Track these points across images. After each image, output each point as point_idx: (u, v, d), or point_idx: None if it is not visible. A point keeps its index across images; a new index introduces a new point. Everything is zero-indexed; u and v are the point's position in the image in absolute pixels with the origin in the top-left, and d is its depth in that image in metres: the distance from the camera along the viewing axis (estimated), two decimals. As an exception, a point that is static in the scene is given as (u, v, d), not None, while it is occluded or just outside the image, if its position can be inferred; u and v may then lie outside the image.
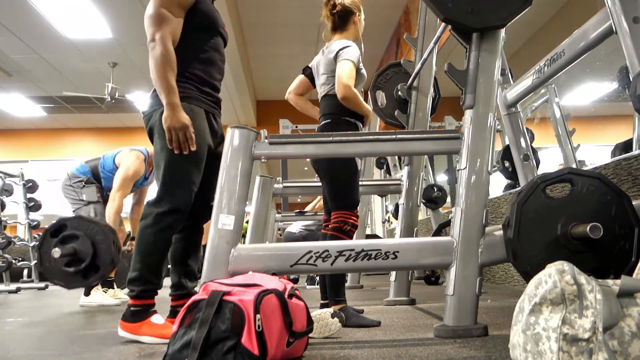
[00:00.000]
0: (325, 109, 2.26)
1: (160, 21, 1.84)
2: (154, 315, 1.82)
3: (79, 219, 2.96)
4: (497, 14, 1.69)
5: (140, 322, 1.79)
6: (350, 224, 2.11)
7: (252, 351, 1.13)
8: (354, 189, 2.18)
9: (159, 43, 1.82)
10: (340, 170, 2.16)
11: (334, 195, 2.20)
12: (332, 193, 2.21)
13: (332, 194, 2.21)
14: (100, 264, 2.85)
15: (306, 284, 5.24)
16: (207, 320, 1.16)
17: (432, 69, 3.00)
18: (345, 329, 1.89)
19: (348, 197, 2.15)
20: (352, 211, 2.14)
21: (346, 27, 2.29)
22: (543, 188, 1.56)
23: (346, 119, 2.20)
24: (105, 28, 6.42)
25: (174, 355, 1.17)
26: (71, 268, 2.80)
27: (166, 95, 1.78)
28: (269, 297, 1.23)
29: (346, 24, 2.29)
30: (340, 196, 2.16)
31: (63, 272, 2.81)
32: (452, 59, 1.84)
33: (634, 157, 2.32)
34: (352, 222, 2.12)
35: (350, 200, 2.15)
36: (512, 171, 3.54)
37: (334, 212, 2.16)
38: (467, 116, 1.75)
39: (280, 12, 6.86)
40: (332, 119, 2.22)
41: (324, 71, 2.26)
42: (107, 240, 2.86)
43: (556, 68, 2.34)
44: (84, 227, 2.87)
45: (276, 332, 1.22)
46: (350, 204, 2.15)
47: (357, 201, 2.19)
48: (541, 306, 1.00)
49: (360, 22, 2.33)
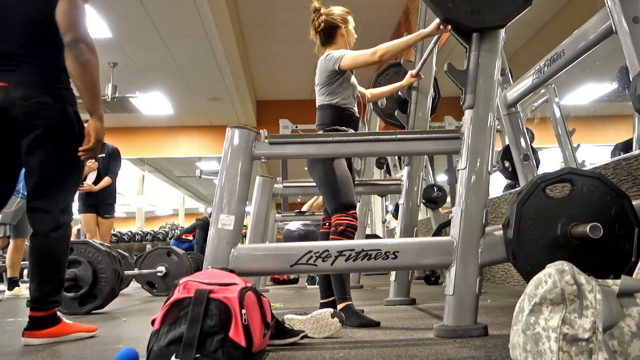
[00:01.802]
0: (318, 120, 2.28)
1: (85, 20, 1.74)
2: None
3: (85, 244, 2.97)
4: (497, 13, 1.69)
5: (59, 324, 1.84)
6: (344, 224, 2.11)
7: (240, 343, 1.21)
8: (341, 191, 2.16)
9: (94, 48, 1.75)
10: (326, 174, 2.16)
11: (326, 199, 2.23)
12: (325, 197, 2.24)
13: (325, 197, 2.24)
14: (99, 293, 2.87)
15: (306, 284, 5.25)
16: (199, 318, 1.20)
17: (432, 69, 2.99)
18: (345, 329, 1.89)
19: (337, 199, 2.15)
20: (345, 212, 2.14)
21: (334, 40, 2.30)
22: (543, 188, 1.56)
23: (336, 128, 2.21)
24: (105, 28, 6.42)
25: (161, 351, 1.19)
26: (70, 293, 2.83)
27: (99, 106, 1.78)
28: (249, 294, 1.33)
29: (333, 37, 2.30)
30: (331, 199, 2.17)
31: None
32: (452, 59, 1.84)
33: (634, 157, 2.32)
34: (347, 222, 2.11)
35: (340, 202, 2.15)
36: (512, 171, 3.54)
37: (332, 215, 2.17)
38: (467, 116, 1.75)
39: (280, 12, 6.86)
40: (323, 129, 2.23)
41: (318, 82, 2.29)
42: (109, 269, 2.88)
43: (556, 68, 2.34)
44: (88, 254, 2.90)
45: (257, 325, 1.32)
46: (340, 205, 2.15)
47: (348, 202, 2.17)
48: (541, 306, 1.00)
49: (348, 33, 2.32)
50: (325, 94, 2.25)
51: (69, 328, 1.87)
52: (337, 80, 2.22)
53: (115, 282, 2.95)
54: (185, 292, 1.28)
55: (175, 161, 12.92)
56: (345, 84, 2.24)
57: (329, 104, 2.24)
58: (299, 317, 1.77)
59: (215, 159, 11.42)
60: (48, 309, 1.80)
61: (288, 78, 9.19)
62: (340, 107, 2.23)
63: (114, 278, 2.91)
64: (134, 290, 5.08)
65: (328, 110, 2.24)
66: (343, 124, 2.23)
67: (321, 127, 2.26)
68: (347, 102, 2.26)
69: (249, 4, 6.71)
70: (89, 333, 1.94)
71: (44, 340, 1.78)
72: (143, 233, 11.16)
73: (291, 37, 7.56)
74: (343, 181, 2.18)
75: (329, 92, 2.23)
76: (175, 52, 7.32)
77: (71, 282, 2.83)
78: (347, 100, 2.25)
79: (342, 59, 2.16)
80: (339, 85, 2.22)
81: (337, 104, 2.23)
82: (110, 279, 2.89)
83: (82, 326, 1.94)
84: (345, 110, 2.24)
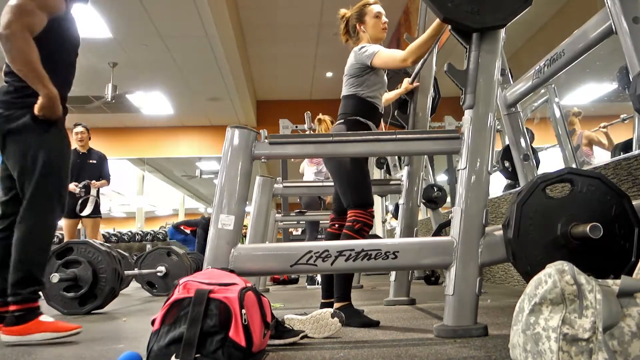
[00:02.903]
0: (340, 109, 2.25)
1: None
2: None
3: (85, 244, 2.98)
4: (497, 13, 1.69)
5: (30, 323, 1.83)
6: (362, 222, 2.08)
7: (239, 343, 1.21)
8: (361, 186, 2.14)
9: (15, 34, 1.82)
10: (347, 165, 2.13)
11: (342, 193, 2.18)
12: (341, 190, 2.19)
13: (341, 191, 2.19)
14: (99, 293, 2.87)
15: (306, 284, 5.25)
16: (199, 318, 1.20)
17: (432, 69, 2.99)
18: (345, 329, 1.89)
19: (355, 194, 2.12)
20: (364, 209, 2.11)
21: (358, 36, 2.31)
22: (543, 188, 1.56)
23: (357, 119, 2.18)
24: (105, 28, 6.42)
25: (161, 351, 1.19)
26: (70, 293, 2.83)
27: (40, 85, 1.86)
28: (249, 294, 1.33)
29: (356, 33, 2.32)
30: (349, 193, 2.13)
31: (61, 296, 2.85)
32: (452, 59, 1.84)
33: (634, 157, 2.32)
34: (365, 221, 2.09)
35: (359, 197, 2.12)
36: (512, 171, 3.54)
37: (348, 211, 2.14)
38: (467, 116, 1.75)
39: (280, 12, 6.86)
40: (344, 118, 2.21)
41: (345, 73, 2.27)
42: (109, 269, 2.88)
43: (556, 68, 2.34)
44: (88, 254, 2.90)
45: (257, 325, 1.33)
46: (360, 200, 2.11)
47: (368, 198, 2.15)
48: (541, 306, 1.00)
49: (368, 26, 2.29)
50: (352, 84, 2.22)
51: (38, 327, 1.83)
52: (366, 74, 2.19)
53: (115, 282, 2.95)
54: (185, 292, 1.28)
55: (175, 161, 12.92)
56: (374, 79, 2.21)
57: (354, 94, 2.21)
58: (299, 317, 1.77)
59: (215, 159, 11.42)
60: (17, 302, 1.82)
61: (288, 78, 9.19)
62: (365, 98, 2.20)
63: (114, 278, 2.91)
64: (134, 290, 5.08)
65: (351, 100, 2.21)
66: (365, 116, 2.19)
67: (343, 117, 2.22)
68: (372, 95, 2.22)
69: (249, 4, 6.71)
70: (59, 333, 1.85)
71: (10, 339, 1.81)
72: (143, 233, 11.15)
73: (291, 37, 7.58)
74: (363, 175, 2.16)
75: (357, 83, 2.20)
76: (175, 52, 7.32)
77: (71, 282, 2.84)
78: (372, 93, 2.22)
79: (375, 56, 2.12)
80: (368, 79, 2.20)
81: (362, 95, 2.20)
82: (110, 279, 2.89)
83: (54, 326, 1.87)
84: (369, 103, 2.21)
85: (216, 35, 6.55)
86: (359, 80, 2.20)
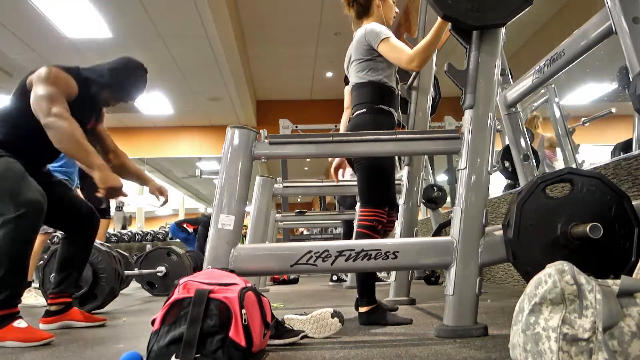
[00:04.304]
0: (358, 98, 2.11)
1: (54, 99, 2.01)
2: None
3: None
4: (497, 12, 1.69)
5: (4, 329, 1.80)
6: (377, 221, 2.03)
7: (240, 343, 1.21)
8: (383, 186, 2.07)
9: (60, 119, 1.99)
10: (375, 165, 2.06)
11: (361, 189, 2.10)
12: (363, 185, 2.09)
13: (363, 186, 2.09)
14: (99, 293, 2.87)
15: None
16: (199, 318, 1.20)
17: (432, 69, 3.00)
18: (345, 329, 1.89)
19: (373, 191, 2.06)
20: (381, 209, 2.04)
21: (369, 12, 2.14)
22: (543, 188, 1.56)
23: (380, 107, 2.07)
24: (105, 28, 6.42)
25: (161, 351, 1.19)
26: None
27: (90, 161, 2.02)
28: (249, 294, 1.33)
29: (368, 8, 2.14)
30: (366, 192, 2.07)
31: None
32: (452, 59, 1.84)
33: (634, 157, 2.32)
34: (377, 219, 2.04)
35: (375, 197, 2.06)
36: (512, 171, 3.54)
37: (360, 208, 2.09)
38: (467, 116, 1.75)
39: (280, 12, 6.86)
40: (366, 107, 2.08)
41: (355, 57, 2.11)
42: (109, 269, 2.88)
43: (556, 68, 2.34)
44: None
45: (257, 325, 1.33)
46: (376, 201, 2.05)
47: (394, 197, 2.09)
48: (541, 306, 1.00)
49: (385, 4, 2.15)
50: (365, 69, 2.07)
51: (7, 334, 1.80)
52: (378, 55, 2.04)
53: (116, 282, 2.95)
54: (185, 292, 1.28)
55: (175, 161, 12.92)
56: (387, 61, 2.05)
57: (370, 81, 2.07)
58: (299, 317, 1.77)
59: (215, 159, 11.42)
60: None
61: (288, 78, 9.19)
62: (384, 84, 2.07)
63: (114, 278, 2.91)
64: (134, 290, 5.07)
65: (369, 88, 2.07)
66: (385, 103, 2.08)
67: (361, 107, 2.09)
68: (389, 80, 2.10)
69: (249, 4, 6.71)
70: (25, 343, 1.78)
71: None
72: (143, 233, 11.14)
73: (291, 37, 7.57)
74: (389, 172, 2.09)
75: (371, 67, 2.06)
76: (175, 52, 7.32)
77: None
78: (389, 78, 2.10)
79: (385, 41, 1.97)
80: (382, 61, 2.05)
81: (380, 80, 2.07)
82: (110, 279, 2.89)
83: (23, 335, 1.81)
84: (388, 88, 2.09)
85: (216, 35, 6.55)
86: (373, 63, 2.07)
